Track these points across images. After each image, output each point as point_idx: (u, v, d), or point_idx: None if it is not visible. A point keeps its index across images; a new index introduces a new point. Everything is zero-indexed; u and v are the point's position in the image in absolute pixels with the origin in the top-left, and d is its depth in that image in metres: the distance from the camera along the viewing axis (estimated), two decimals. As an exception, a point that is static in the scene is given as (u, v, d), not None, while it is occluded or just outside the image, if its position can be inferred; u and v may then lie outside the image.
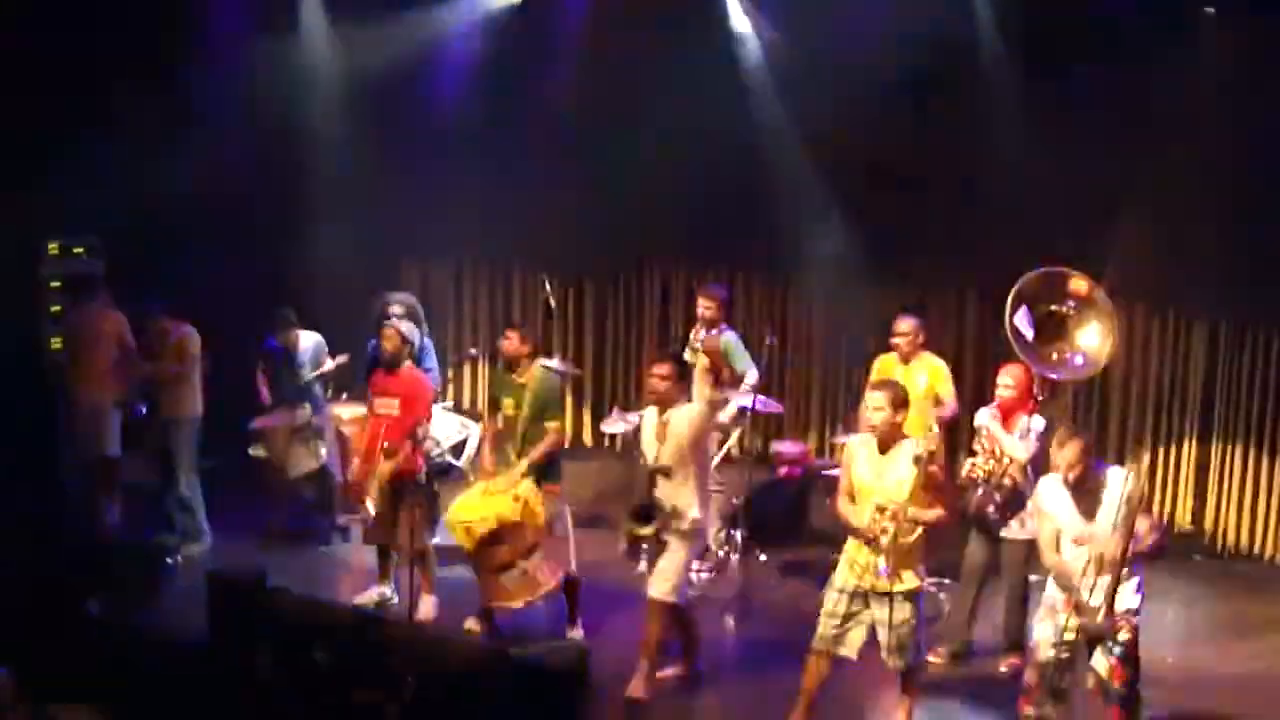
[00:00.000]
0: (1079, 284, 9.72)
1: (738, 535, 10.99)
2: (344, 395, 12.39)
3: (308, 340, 12.24)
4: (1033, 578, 9.63)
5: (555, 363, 11.60)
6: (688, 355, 11.34)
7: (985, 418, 9.40)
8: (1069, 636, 7.79)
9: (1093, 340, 9.75)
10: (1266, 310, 11.70)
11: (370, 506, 10.46)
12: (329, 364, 12.16)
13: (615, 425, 12.10)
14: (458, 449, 11.69)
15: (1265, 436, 11.84)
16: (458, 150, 14.16)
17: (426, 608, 10.43)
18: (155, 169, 12.55)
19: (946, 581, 10.31)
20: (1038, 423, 9.31)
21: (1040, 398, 9.63)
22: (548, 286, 12.88)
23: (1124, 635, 7.75)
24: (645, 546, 9.16)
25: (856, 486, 8.28)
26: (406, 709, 8.02)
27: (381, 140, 14.24)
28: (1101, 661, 7.76)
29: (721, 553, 11.29)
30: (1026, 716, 8.02)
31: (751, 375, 11.00)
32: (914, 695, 8.53)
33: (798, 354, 14.22)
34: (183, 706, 8.08)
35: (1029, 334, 9.67)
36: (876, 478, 8.16)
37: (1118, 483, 7.73)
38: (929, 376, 10.69)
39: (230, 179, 13.18)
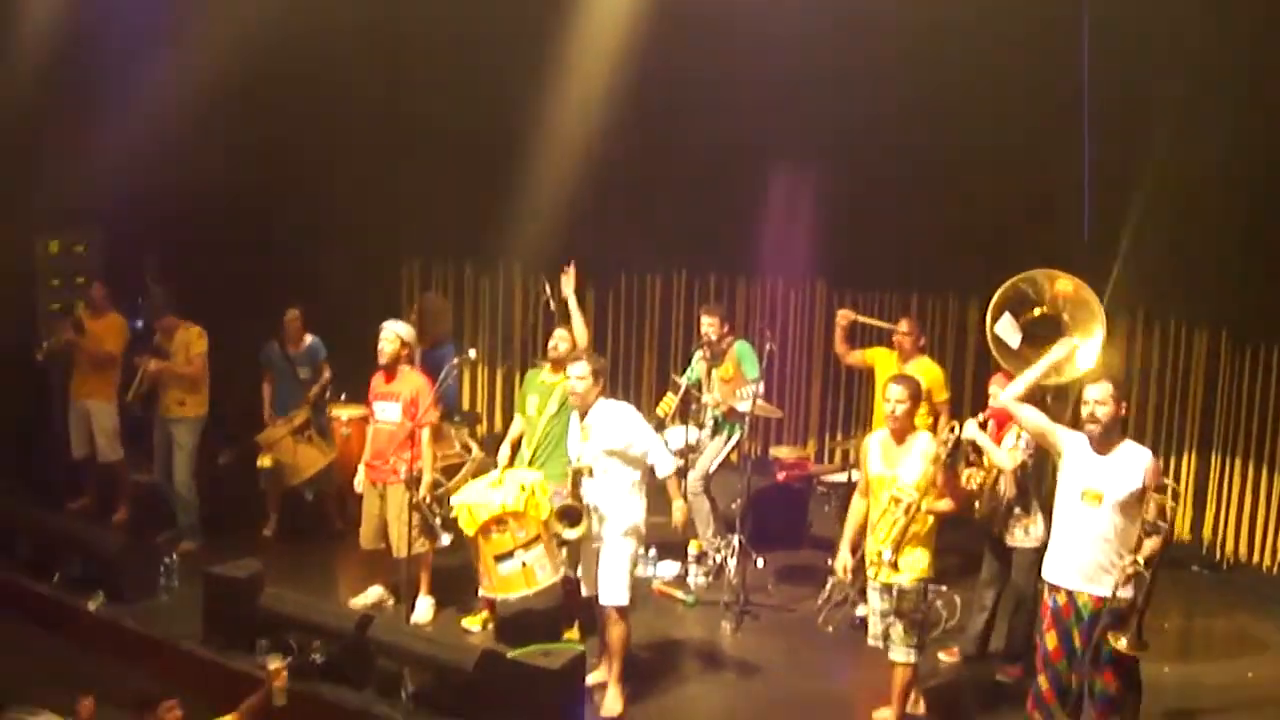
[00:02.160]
0: (1064, 285, 9.60)
1: (735, 540, 10.97)
2: (342, 396, 12.36)
3: (305, 341, 12.31)
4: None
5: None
6: (694, 367, 11.42)
7: (973, 429, 9.32)
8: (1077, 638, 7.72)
9: (1088, 340, 9.66)
10: (1268, 321, 11.66)
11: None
12: (326, 374, 12.24)
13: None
14: (451, 470, 11.60)
15: (1265, 447, 11.79)
16: (456, 152, 14.17)
17: (424, 609, 10.43)
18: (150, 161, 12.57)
19: (944, 588, 10.29)
20: None
21: (1048, 398, 9.60)
22: (548, 289, 12.84)
23: (1122, 643, 7.71)
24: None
25: (871, 480, 8.46)
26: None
27: (377, 140, 14.29)
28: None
29: (719, 557, 11.26)
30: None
31: (760, 388, 11.04)
32: (903, 699, 8.53)
33: (796, 357, 14.27)
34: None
35: (1014, 341, 9.58)
36: (890, 467, 8.33)
37: (1141, 461, 7.67)
38: (923, 379, 10.72)
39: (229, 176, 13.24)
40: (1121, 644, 7.51)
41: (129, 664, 9.93)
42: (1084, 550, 7.65)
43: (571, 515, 8.80)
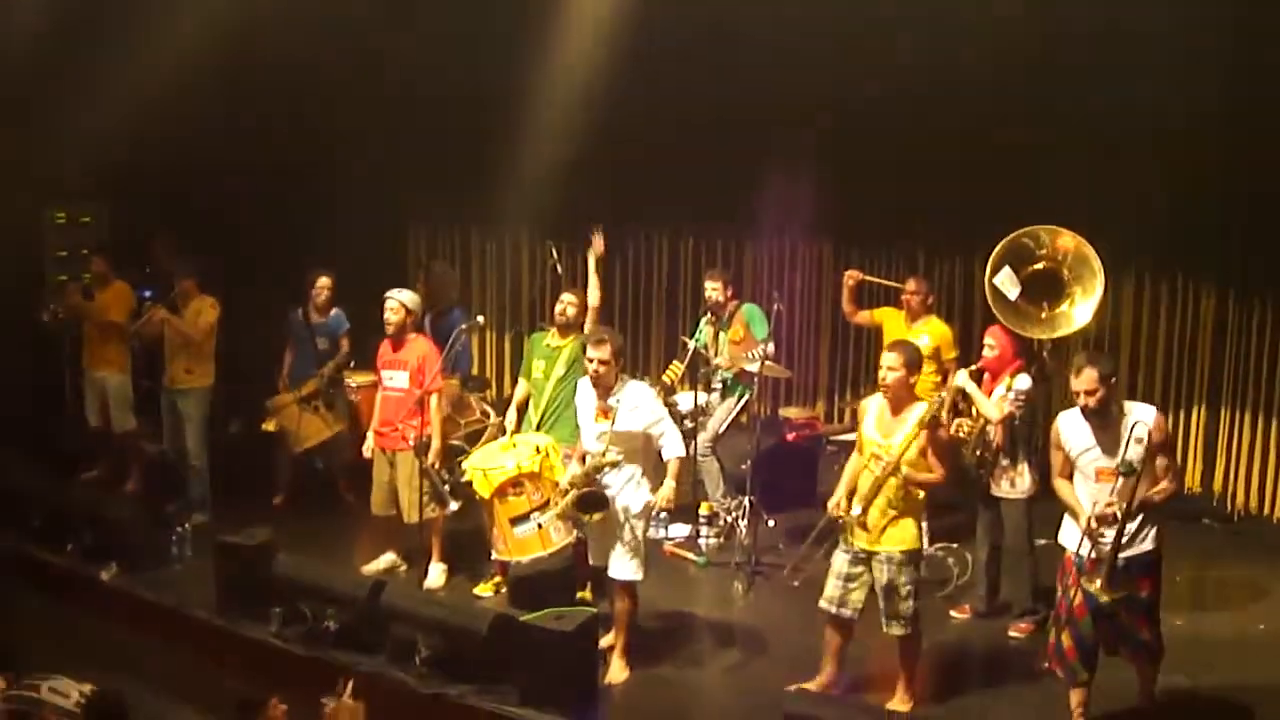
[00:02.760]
0: (1066, 240, 9.68)
1: (746, 500, 10.99)
2: (352, 363, 12.37)
3: (329, 313, 12.31)
4: (1042, 541, 9.66)
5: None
6: (701, 331, 11.44)
7: (963, 378, 9.43)
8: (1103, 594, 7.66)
9: (1088, 297, 9.72)
10: (1274, 274, 11.64)
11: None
12: (345, 348, 12.25)
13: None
14: (474, 436, 11.63)
15: (1275, 400, 11.81)
16: (461, 118, 14.14)
17: (435, 575, 10.47)
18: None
19: (954, 545, 10.32)
20: (1022, 381, 9.33)
21: (1045, 353, 9.66)
22: (554, 253, 12.85)
23: (1148, 592, 7.75)
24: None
25: (864, 443, 8.32)
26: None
27: (385, 106, 14.28)
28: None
29: (730, 518, 11.29)
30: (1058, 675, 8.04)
31: (770, 348, 11.05)
32: (910, 665, 8.47)
33: (804, 317, 14.28)
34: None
35: (1012, 294, 9.67)
36: (885, 436, 8.17)
37: (1144, 417, 7.65)
38: (931, 338, 10.85)
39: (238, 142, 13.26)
40: (1094, 586, 7.53)
41: (142, 633, 9.99)
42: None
43: (593, 502, 8.78)
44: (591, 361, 8.80)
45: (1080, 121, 11.80)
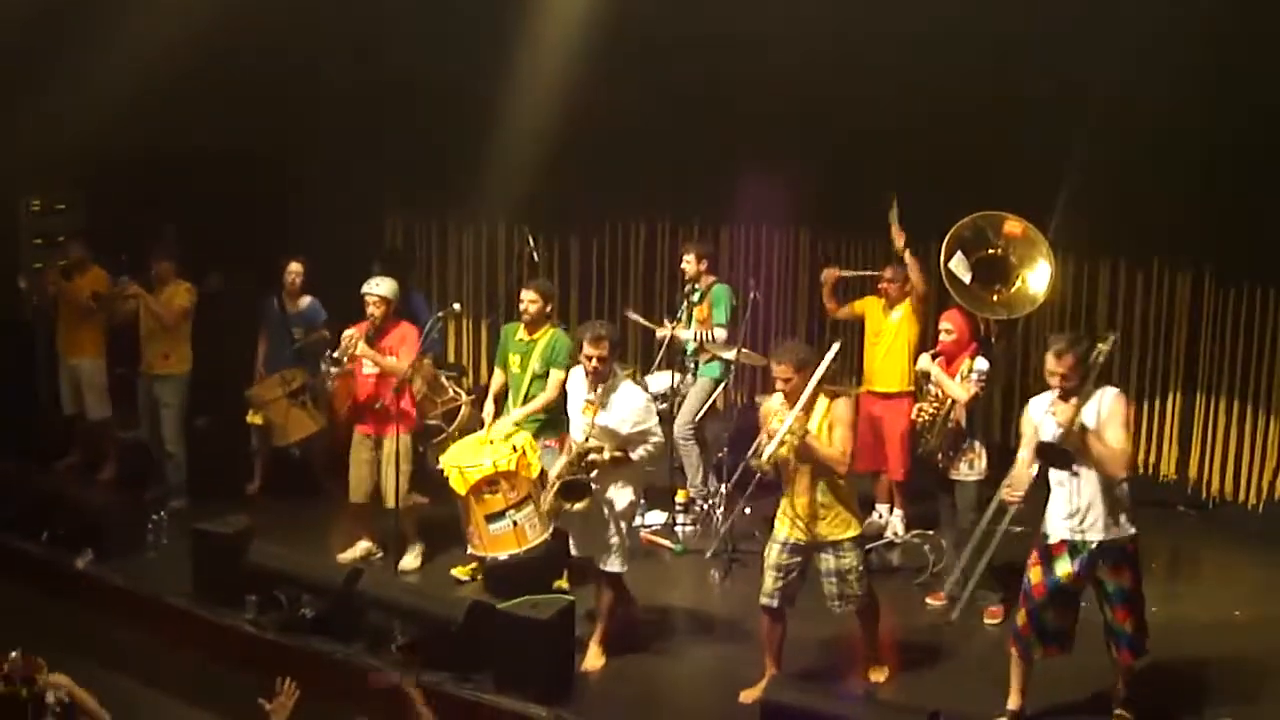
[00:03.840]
0: (1013, 226, 9.89)
1: (722, 488, 10.98)
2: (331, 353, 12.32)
3: (303, 302, 12.24)
4: (1017, 529, 9.68)
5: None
6: (680, 315, 11.43)
7: (926, 362, 9.55)
8: (1062, 576, 7.75)
9: (1036, 279, 9.85)
10: (1250, 261, 11.66)
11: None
12: (325, 333, 12.16)
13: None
14: (450, 415, 11.61)
15: (1249, 386, 11.84)
16: (436, 107, 14.10)
17: (411, 559, 10.46)
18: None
19: (930, 533, 10.33)
20: (981, 364, 9.48)
21: (993, 338, 9.77)
22: (530, 240, 12.82)
23: (1126, 582, 7.78)
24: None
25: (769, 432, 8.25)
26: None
27: (363, 98, 14.24)
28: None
29: (706, 506, 11.28)
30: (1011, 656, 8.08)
31: (720, 333, 11.08)
32: (873, 633, 8.63)
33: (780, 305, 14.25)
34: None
35: (966, 278, 9.83)
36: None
37: (1106, 398, 7.66)
38: (913, 324, 10.89)
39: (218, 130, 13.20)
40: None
41: (118, 621, 9.97)
42: (1085, 503, 7.66)
43: (576, 490, 8.79)
44: (590, 359, 8.75)
45: (1057, 110, 11.78)
